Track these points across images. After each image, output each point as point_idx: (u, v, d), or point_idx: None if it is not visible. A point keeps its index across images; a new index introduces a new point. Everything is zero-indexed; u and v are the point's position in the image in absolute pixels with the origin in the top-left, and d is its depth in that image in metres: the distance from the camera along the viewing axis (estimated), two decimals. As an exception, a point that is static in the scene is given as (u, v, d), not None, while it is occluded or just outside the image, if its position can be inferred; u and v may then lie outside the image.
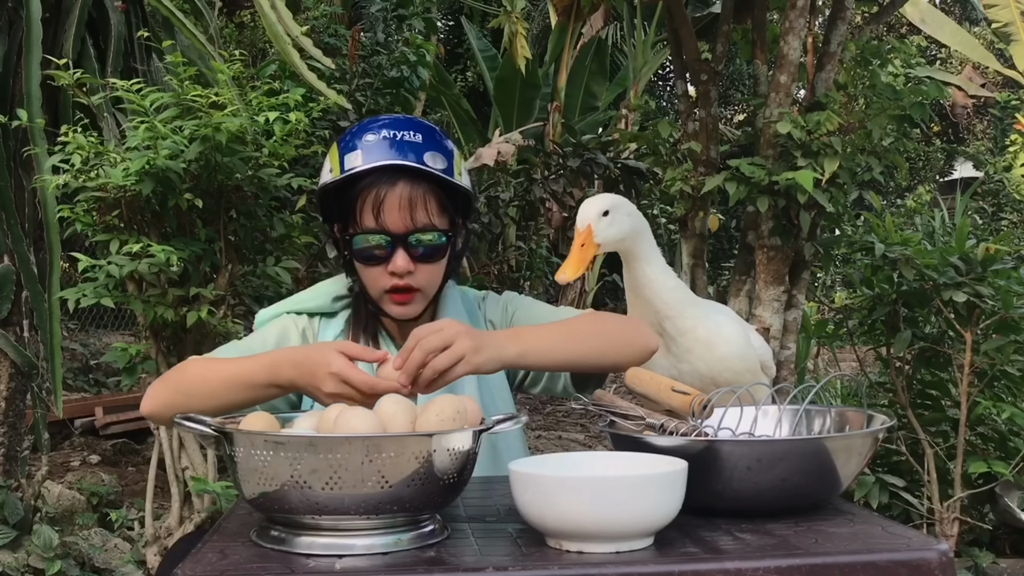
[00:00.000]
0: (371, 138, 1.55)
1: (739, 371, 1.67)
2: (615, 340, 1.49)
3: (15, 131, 2.92)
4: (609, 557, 1.05)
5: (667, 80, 13.13)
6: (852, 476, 1.24)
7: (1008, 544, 3.33)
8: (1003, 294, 2.97)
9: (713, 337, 1.66)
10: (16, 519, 3.05)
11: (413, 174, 1.53)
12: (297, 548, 1.09)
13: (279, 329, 1.63)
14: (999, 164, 10.87)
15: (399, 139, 1.54)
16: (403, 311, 1.58)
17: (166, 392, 1.44)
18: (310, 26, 4.25)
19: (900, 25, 12.90)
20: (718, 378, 1.63)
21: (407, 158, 1.52)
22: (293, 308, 1.67)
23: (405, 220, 1.53)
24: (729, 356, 1.67)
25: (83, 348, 6.80)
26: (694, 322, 1.65)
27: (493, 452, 1.60)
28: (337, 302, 1.67)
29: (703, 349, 1.65)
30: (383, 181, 1.53)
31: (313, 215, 3.66)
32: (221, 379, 1.40)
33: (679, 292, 1.67)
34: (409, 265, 1.54)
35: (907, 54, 4.03)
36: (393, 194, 1.52)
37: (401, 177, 1.53)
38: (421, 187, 1.54)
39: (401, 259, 1.54)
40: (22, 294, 3.18)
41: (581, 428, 6.21)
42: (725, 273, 8.84)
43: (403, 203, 1.52)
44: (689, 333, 1.65)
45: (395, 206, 1.52)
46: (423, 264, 1.56)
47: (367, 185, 1.53)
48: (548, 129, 8.32)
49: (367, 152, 1.54)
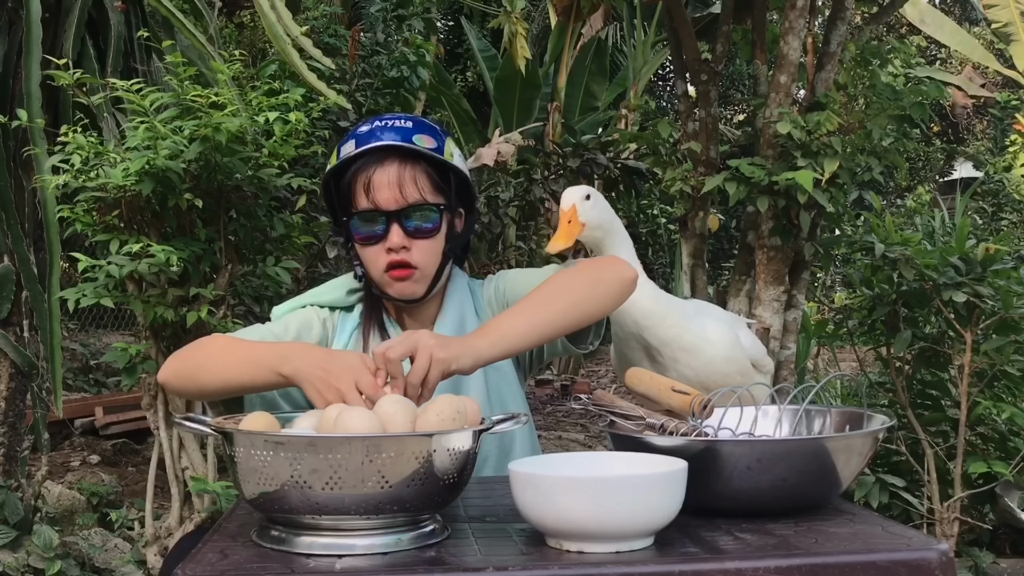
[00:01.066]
0: (363, 128, 1.63)
1: (728, 373, 1.67)
2: (588, 289, 1.50)
3: (15, 131, 2.92)
4: (609, 557, 1.05)
5: (667, 80, 13.14)
6: (852, 476, 1.25)
7: (1008, 544, 3.33)
8: (1003, 294, 2.97)
9: (698, 343, 1.66)
10: (16, 519, 3.05)
11: (403, 153, 1.59)
12: (297, 548, 1.09)
13: (301, 318, 1.66)
14: (999, 164, 10.88)
15: (389, 125, 1.62)
16: (402, 288, 1.61)
17: (179, 361, 1.48)
18: (310, 26, 4.25)
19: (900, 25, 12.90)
20: (706, 381, 1.63)
21: (395, 139, 1.59)
22: (313, 301, 1.70)
23: (396, 196, 1.58)
24: (716, 360, 1.67)
25: (83, 348, 6.81)
26: (677, 331, 1.65)
27: (502, 453, 1.61)
28: (351, 295, 1.70)
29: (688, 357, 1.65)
30: (373, 162, 1.59)
31: (313, 215, 3.66)
32: (235, 357, 1.42)
33: (656, 302, 1.66)
34: (404, 240, 1.58)
35: (907, 54, 4.03)
36: (382, 172, 1.58)
37: (390, 156, 1.59)
38: (411, 165, 1.59)
39: (396, 235, 1.58)
40: (22, 294, 3.18)
41: (581, 428, 6.21)
42: (725, 273, 8.84)
43: (392, 180, 1.58)
44: (673, 343, 1.65)
45: (384, 184, 1.58)
46: (418, 240, 1.60)
47: (359, 168, 1.59)
48: (548, 129, 8.32)
49: (359, 140, 1.61)
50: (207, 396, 1.47)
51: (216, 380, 1.42)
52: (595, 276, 1.52)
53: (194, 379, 1.45)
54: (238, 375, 1.41)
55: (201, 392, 1.46)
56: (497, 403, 1.61)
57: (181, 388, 1.49)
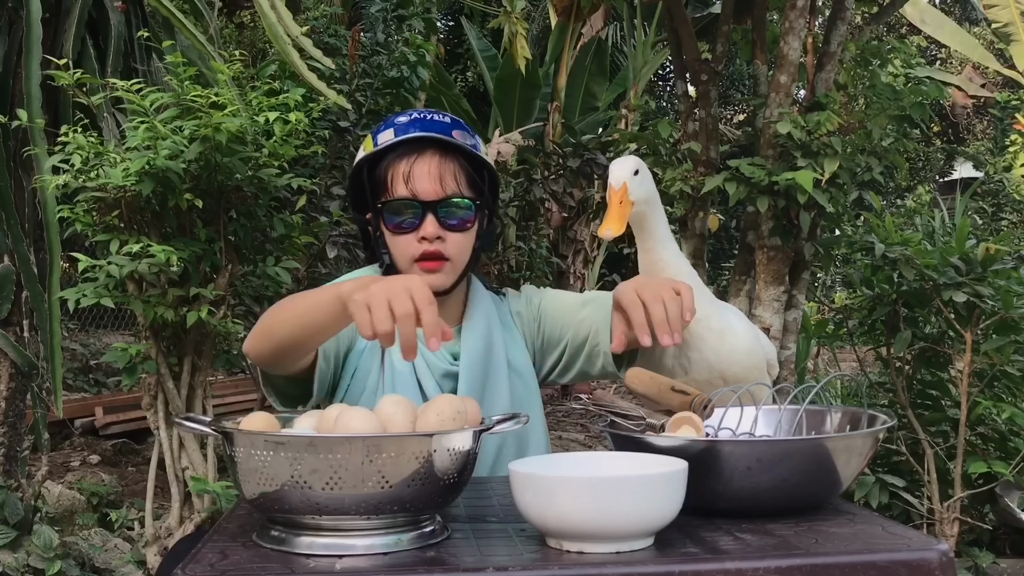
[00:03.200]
0: (402, 119, 1.64)
1: (748, 366, 1.65)
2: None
3: (15, 131, 2.92)
4: (609, 557, 1.05)
5: (667, 80, 13.14)
6: (852, 476, 1.24)
7: (1008, 544, 3.33)
8: (1003, 294, 2.97)
9: (727, 329, 1.65)
10: (16, 519, 3.05)
11: (442, 146, 1.61)
12: (297, 548, 1.09)
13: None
14: (999, 164, 10.88)
15: (428, 118, 1.63)
16: (433, 279, 1.59)
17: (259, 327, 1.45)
18: (310, 26, 4.24)
19: (900, 25, 12.91)
20: (726, 371, 1.62)
21: (436, 132, 1.60)
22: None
23: (435, 187, 1.59)
24: (740, 349, 1.65)
25: (83, 348, 6.81)
26: (709, 310, 1.64)
27: (520, 451, 1.62)
28: None
29: (715, 338, 1.64)
30: (413, 151, 1.60)
31: (313, 215, 3.66)
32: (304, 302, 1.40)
33: (693, 279, 1.66)
34: (439, 231, 1.59)
35: (907, 54, 4.03)
36: (423, 162, 1.59)
37: (430, 147, 1.60)
38: (450, 159, 1.61)
39: (431, 224, 1.58)
40: (22, 294, 3.18)
41: (581, 428, 6.21)
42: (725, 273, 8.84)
43: (432, 171, 1.59)
44: (704, 320, 1.63)
45: (424, 174, 1.59)
46: (452, 232, 1.60)
47: (398, 156, 1.60)
48: (548, 129, 8.32)
49: (398, 129, 1.62)
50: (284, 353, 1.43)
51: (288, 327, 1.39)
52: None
53: (269, 335, 1.42)
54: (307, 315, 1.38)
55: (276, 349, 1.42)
56: (518, 405, 1.62)
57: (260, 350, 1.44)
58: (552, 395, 7.33)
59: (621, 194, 1.55)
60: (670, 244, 1.66)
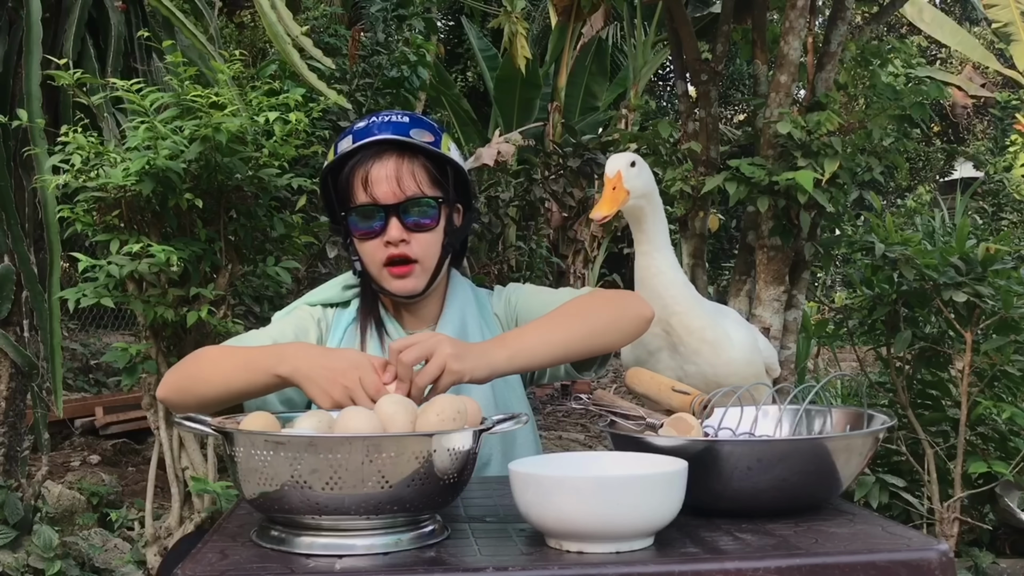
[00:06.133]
0: (360, 124, 1.64)
1: (745, 376, 1.66)
2: (608, 320, 1.50)
3: (15, 131, 2.92)
4: (609, 557, 1.05)
5: (667, 80, 13.14)
6: (852, 476, 1.24)
7: (1008, 544, 3.33)
8: (1003, 294, 2.97)
9: (722, 339, 1.65)
10: (16, 519, 3.05)
11: (400, 147, 1.59)
12: (297, 548, 1.09)
13: (296, 320, 1.66)
14: (999, 164, 10.88)
15: (386, 120, 1.62)
16: (402, 284, 1.61)
17: (176, 376, 1.47)
18: (310, 26, 4.25)
19: (900, 25, 12.91)
20: (723, 382, 1.62)
21: (392, 134, 1.59)
22: (306, 302, 1.70)
23: (394, 190, 1.58)
24: (736, 361, 1.66)
25: (83, 348, 6.80)
26: (703, 322, 1.64)
27: (505, 453, 1.61)
28: (348, 290, 1.70)
29: (710, 351, 1.65)
30: (370, 156, 1.59)
31: (313, 215, 3.66)
32: (231, 363, 1.42)
33: (688, 289, 1.67)
34: (402, 233, 1.58)
35: (907, 54, 4.03)
36: (380, 166, 1.58)
37: (387, 150, 1.59)
38: (408, 159, 1.60)
39: (395, 228, 1.58)
40: (22, 294, 3.17)
41: (581, 428, 6.21)
42: (725, 273, 8.84)
43: (390, 174, 1.58)
44: (697, 333, 1.64)
45: (383, 177, 1.58)
46: (417, 233, 1.60)
47: (356, 163, 1.60)
48: (548, 129, 8.33)
49: (356, 136, 1.61)
50: (207, 407, 1.42)
51: (213, 388, 1.41)
52: (617, 309, 1.51)
53: (192, 391, 1.43)
54: (235, 381, 1.40)
55: (200, 403, 1.42)
56: (502, 407, 1.61)
57: (181, 402, 1.45)
58: (552, 395, 7.33)
59: (615, 181, 1.61)
60: (667, 251, 1.67)
